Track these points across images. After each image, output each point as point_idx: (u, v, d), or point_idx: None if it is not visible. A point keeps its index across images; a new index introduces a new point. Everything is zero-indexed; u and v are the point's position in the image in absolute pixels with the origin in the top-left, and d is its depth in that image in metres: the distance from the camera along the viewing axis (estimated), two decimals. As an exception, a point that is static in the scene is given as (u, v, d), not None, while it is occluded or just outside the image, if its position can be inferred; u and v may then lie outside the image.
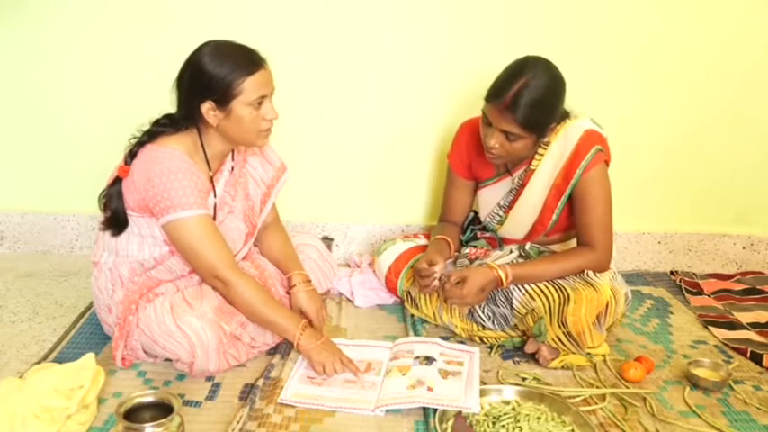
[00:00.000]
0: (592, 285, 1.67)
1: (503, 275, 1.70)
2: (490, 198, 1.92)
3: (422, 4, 2.15)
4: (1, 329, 1.82)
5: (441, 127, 2.29)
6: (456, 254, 1.96)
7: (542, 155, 1.77)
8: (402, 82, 2.23)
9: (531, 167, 1.80)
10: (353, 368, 1.61)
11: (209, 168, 1.67)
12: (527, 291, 1.72)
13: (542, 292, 1.69)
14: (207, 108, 1.55)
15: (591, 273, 1.71)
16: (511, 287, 1.74)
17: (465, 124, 1.95)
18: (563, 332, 1.67)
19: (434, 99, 2.25)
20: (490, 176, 1.91)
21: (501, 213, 1.90)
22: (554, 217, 1.80)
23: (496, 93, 1.64)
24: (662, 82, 2.26)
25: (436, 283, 1.77)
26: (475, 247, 1.97)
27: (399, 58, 2.21)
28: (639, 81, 2.23)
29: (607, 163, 1.75)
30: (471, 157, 1.91)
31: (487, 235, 2.00)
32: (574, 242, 1.87)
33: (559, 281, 1.70)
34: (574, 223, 1.80)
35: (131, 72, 2.14)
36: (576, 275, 1.72)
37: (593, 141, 1.72)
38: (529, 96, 1.59)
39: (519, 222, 1.87)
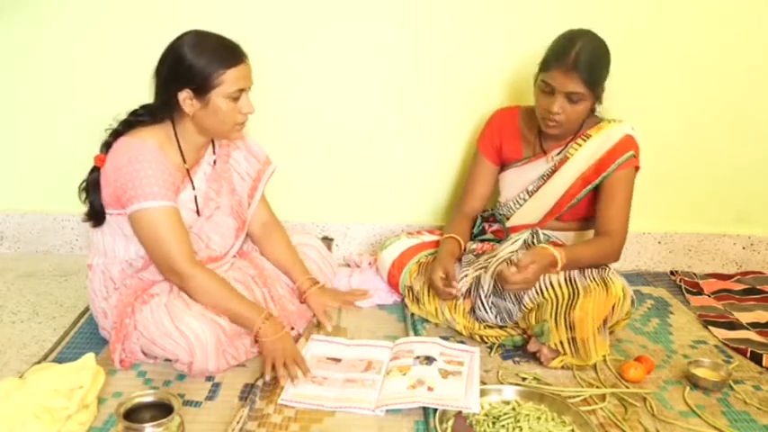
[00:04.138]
0: (605, 285, 1.68)
1: (558, 257, 1.69)
2: (517, 181, 1.97)
3: (422, 4, 2.15)
4: (1, 329, 1.82)
5: (441, 127, 2.29)
6: (463, 251, 1.98)
7: (581, 145, 1.85)
8: (402, 82, 2.23)
9: (568, 155, 1.87)
10: (304, 368, 1.58)
11: (185, 161, 1.66)
12: (538, 287, 1.72)
13: (553, 289, 1.70)
14: (184, 96, 1.55)
15: (608, 272, 1.73)
16: None
17: (499, 110, 2.04)
18: (568, 338, 1.67)
19: (434, 99, 2.25)
20: (520, 158, 1.97)
21: (526, 197, 1.95)
22: (573, 201, 1.88)
23: (557, 57, 1.73)
24: (662, 82, 2.26)
25: (455, 292, 1.81)
26: (482, 241, 2.01)
27: (399, 59, 2.20)
28: (639, 81, 2.23)
29: (637, 169, 1.84)
30: (503, 139, 1.98)
31: (495, 227, 2.03)
32: (583, 234, 1.94)
33: (575, 277, 1.72)
34: (594, 214, 1.86)
35: (132, 72, 2.13)
36: (594, 271, 1.74)
37: (630, 146, 1.82)
38: (589, 55, 1.71)
39: (539, 206, 1.94)
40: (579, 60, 1.69)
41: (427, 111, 2.27)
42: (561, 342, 1.68)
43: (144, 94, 1.64)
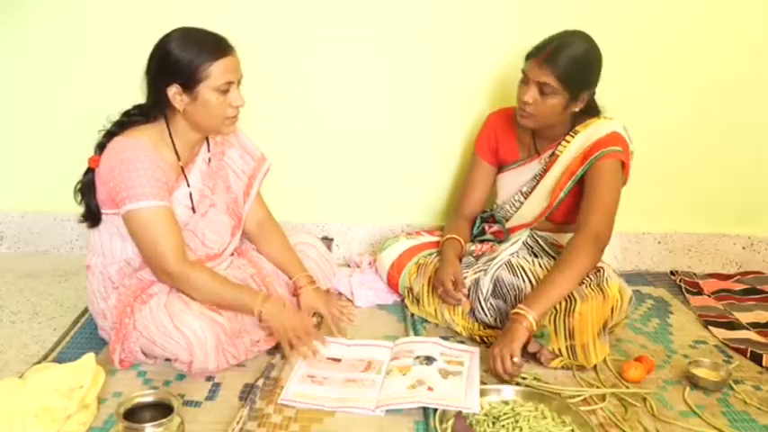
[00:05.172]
0: (601, 290, 1.67)
1: (532, 321, 1.61)
2: (512, 183, 1.97)
3: (421, 6, 2.15)
4: (1, 329, 1.83)
5: (439, 127, 2.29)
6: (462, 253, 1.98)
7: (569, 142, 1.84)
8: (401, 83, 2.23)
9: (557, 152, 1.86)
10: (320, 339, 1.63)
11: (179, 158, 1.66)
12: None
13: None
14: (173, 92, 1.55)
15: (604, 276, 1.71)
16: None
17: (495, 111, 2.04)
18: (567, 345, 1.66)
19: (433, 100, 2.25)
20: (516, 159, 1.96)
21: (522, 200, 1.94)
22: (561, 195, 1.85)
23: (538, 48, 1.74)
24: (662, 81, 2.26)
25: (462, 298, 1.82)
26: (482, 242, 2.01)
27: (399, 61, 2.21)
28: (639, 81, 2.23)
29: (624, 165, 1.80)
30: (499, 140, 1.99)
31: (495, 228, 2.03)
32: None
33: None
34: (579, 208, 1.80)
35: (134, 72, 2.13)
36: (590, 276, 1.71)
37: (617, 141, 1.79)
38: (567, 51, 1.70)
39: (534, 206, 1.93)
40: (556, 53, 1.69)
41: (426, 112, 2.27)
42: (560, 349, 1.67)
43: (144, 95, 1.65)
